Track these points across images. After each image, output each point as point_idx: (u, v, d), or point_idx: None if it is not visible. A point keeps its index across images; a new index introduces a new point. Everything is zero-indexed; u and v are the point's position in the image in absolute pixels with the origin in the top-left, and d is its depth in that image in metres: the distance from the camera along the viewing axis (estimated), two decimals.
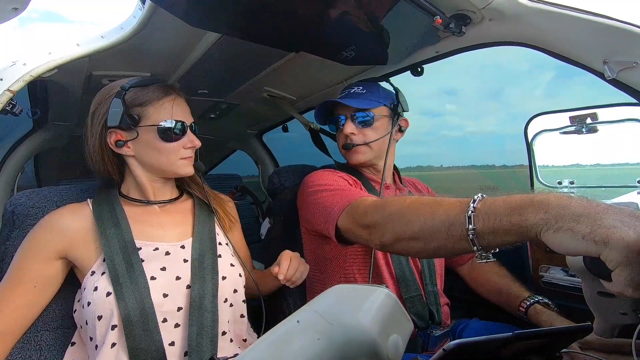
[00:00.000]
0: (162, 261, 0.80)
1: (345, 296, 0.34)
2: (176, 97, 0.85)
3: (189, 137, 0.86)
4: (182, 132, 0.84)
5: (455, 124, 38.40)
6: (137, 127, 0.81)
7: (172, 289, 0.78)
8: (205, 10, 0.94)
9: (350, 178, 1.10)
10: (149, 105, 0.81)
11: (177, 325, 0.76)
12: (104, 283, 0.74)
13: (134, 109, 0.81)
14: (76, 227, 0.79)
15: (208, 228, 0.90)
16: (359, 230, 0.82)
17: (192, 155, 0.88)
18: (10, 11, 0.78)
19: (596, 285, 0.49)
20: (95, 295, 0.73)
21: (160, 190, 0.89)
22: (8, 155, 1.72)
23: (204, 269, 0.82)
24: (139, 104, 0.81)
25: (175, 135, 0.83)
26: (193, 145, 0.86)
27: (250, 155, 2.53)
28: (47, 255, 0.76)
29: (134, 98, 0.81)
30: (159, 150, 0.83)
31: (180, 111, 0.84)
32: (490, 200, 0.58)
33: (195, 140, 0.87)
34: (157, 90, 0.83)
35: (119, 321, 0.72)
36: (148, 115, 0.81)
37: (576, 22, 0.89)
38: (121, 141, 0.81)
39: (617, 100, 1.10)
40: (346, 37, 1.08)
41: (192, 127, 0.87)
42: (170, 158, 0.84)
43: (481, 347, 0.44)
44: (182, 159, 0.85)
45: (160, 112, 0.82)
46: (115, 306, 0.72)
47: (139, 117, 0.81)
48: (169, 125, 0.82)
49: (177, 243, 0.85)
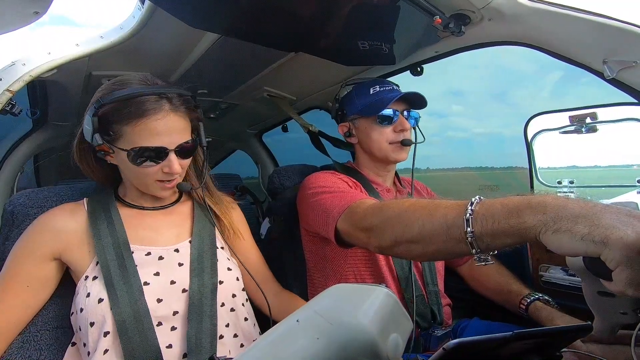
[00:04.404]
0: (155, 266, 0.78)
1: (345, 296, 0.34)
2: (163, 113, 0.74)
3: (168, 162, 0.76)
4: (158, 158, 0.76)
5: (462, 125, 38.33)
6: (112, 145, 0.75)
7: (167, 293, 0.76)
8: (204, 10, 0.94)
9: (350, 180, 1.09)
10: (125, 125, 0.73)
11: (173, 328, 0.75)
12: (96, 288, 0.72)
13: (111, 125, 0.74)
14: (70, 229, 0.78)
15: (208, 231, 0.88)
16: (357, 233, 0.82)
17: (174, 179, 0.80)
18: (32, 15, 0.79)
19: (596, 284, 0.49)
20: (88, 301, 0.72)
21: (155, 197, 0.86)
22: (7, 155, 1.72)
23: (203, 272, 0.80)
24: (116, 120, 0.73)
25: (147, 161, 0.75)
26: (170, 171, 0.77)
27: (250, 155, 2.53)
28: (40, 256, 0.75)
29: (112, 112, 0.74)
30: (131, 171, 0.78)
31: (164, 133, 0.74)
32: (488, 202, 0.58)
33: (174, 165, 0.76)
34: (139, 108, 0.72)
35: (113, 327, 0.70)
36: (124, 135, 0.74)
37: (576, 22, 0.89)
38: (102, 152, 0.77)
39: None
40: (348, 35, 1.08)
41: (182, 147, 0.78)
42: (144, 181, 0.79)
43: (481, 346, 0.43)
44: (159, 181, 0.79)
45: (136, 134, 0.73)
46: (109, 312, 0.71)
47: (115, 134, 0.74)
48: (137, 151, 0.73)
49: (170, 247, 0.82)
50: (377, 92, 1.14)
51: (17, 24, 0.80)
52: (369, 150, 1.16)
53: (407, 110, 1.13)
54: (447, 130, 32.88)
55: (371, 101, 1.13)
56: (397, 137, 1.11)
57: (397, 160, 1.15)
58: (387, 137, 1.11)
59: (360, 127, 1.17)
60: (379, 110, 1.10)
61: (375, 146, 1.13)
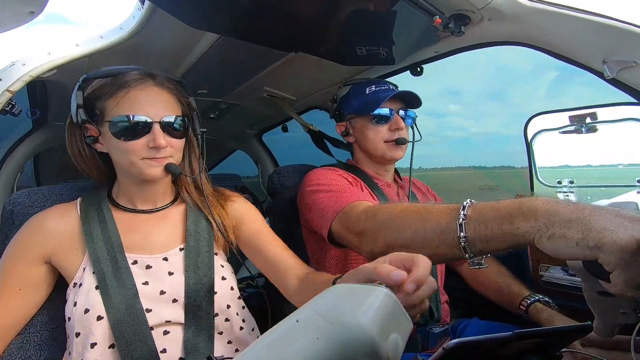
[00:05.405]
0: (142, 276, 0.74)
1: (345, 296, 0.34)
2: (146, 85, 0.74)
3: (153, 135, 0.73)
4: (142, 131, 0.72)
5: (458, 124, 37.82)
6: (98, 123, 0.74)
7: (155, 304, 0.73)
8: (204, 10, 0.93)
9: (350, 176, 1.10)
10: (109, 99, 0.72)
11: (166, 332, 0.73)
12: (82, 298, 0.70)
13: (95, 102, 0.74)
14: (61, 231, 0.75)
15: (202, 238, 0.82)
16: (350, 237, 0.82)
17: (163, 156, 0.75)
18: (27, 15, 0.78)
19: (596, 284, 0.49)
20: (75, 310, 0.69)
21: (148, 195, 0.82)
22: (7, 156, 1.71)
23: (200, 283, 0.76)
24: (98, 96, 0.73)
25: (131, 134, 0.72)
26: (155, 145, 0.72)
27: (250, 155, 2.53)
28: (31, 258, 0.73)
29: (96, 90, 0.74)
30: (118, 148, 0.74)
31: (147, 103, 0.73)
32: (479, 206, 0.58)
33: (158, 138, 0.72)
34: (121, 80, 0.73)
35: (102, 338, 0.68)
36: (107, 110, 0.73)
37: (575, 22, 0.89)
38: (91, 137, 0.75)
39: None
40: (347, 36, 1.08)
41: (168, 122, 0.74)
42: (130, 158, 0.73)
43: (481, 346, 0.43)
44: (146, 159, 0.74)
45: (119, 106, 0.72)
46: (95, 323, 0.68)
47: (100, 113, 0.73)
48: (121, 121, 0.71)
49: (159, 255, 0.78)
50: (372, 91, 1.15)
51: (12, 24, 0.80)
52: (366, 149, 1.17)
53: (403, 110, 1.14)
54: (445, 129, 32.87)
55: (367, 100, 1.14)
56: (392, 136, 1.12)
57: (394, 159, 1.15)
58: (383, 135, 1.13)
59: (356, 126, 1.18)
60: (373, 109, 1.11)
61: (371, 145, 1.14)
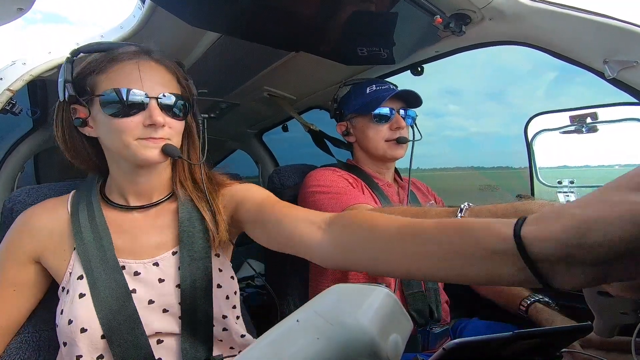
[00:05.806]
0: (130, 283, 0.69)
1: (345, 296, 0.34)
2: (141, 58, 0.67)
3: (149, 112, 0.65)
4: (136, 105, 0.64)
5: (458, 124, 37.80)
6: (88, 103, 0.66)
7: (144, 314, 0.67)
8: (205, 10, 0.93)
9: (351, 177, 1.10)
10: (100, 73, 0.66)
11: (159, 342, 0.69)
12: (67, 307, 0.66)
13: (86, 78, 0.67)
14: (49, 229, 0.71)
15: (197, 239, 0.74)
16: None
17: (160, 136, 0.67)
18: (15, 11, 0.77)
19: None
20: (61, 319, 0.66)
21: (142, 187, 0.75)
22: (8, 155, 1.71)
23: (195, 292, 0.70)
24: (90, 71, 0.66)
25: (124, 108, 0.64)
26: (152, 122, 0.65)
27: (250, 155, 2.53)
28: (20, 258, 0.70)
29: (86, 65, 0.67)
30: (109, 129, 0.66)
31: (143, 78, 0.65)
32: (476, 209, 0.59)
33: (155, 114, 0.65)
34: (114, 53, 0.67)
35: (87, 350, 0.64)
36: (98, 85, 0.66)
37: (576, 22, 0.89)
38: (79, 119, 0.67)
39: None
40: (348, 36, 1.08)
41: (166, 100, 0.67)
42: (123, 138, 0.65)
43: (481, 346, 0.43)
44: (141, 139, 0.66)
45: (110, 79, 0.65)
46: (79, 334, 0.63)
47: (90, 89, 0.66)
48: (112, 94, 0.63)
49: (149, 260, 0.72)
50: (373, 91, 1.16)
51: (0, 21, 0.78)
52: (366, 148, 1.17)
53: (403, 109, 1.14)
54: (445, 129, 32.98)
55: (367, 100, 1.15)
56: (392, 135, 1.13)
57: (394, 158, 1.16)
58: (383, 134, 1.13)
59: (357, 125, 1.18)
60: (374, 108, 1.12)
61: (372, 144, 1.14)
